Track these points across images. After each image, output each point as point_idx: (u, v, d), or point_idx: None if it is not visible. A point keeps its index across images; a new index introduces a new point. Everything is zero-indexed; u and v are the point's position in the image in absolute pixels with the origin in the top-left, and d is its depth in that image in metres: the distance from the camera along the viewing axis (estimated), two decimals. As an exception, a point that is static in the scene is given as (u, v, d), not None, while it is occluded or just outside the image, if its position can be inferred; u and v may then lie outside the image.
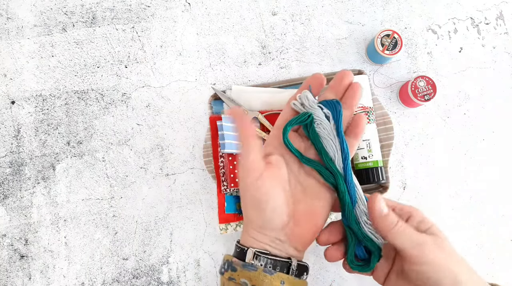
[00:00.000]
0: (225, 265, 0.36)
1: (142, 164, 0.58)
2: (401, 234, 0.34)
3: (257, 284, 0.34)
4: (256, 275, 0.34)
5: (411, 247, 0.33)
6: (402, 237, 0.34)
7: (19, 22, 0.61)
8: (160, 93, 0.59)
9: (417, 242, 0.33)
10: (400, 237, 0.34)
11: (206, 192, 0.57)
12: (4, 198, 0.57)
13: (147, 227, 0.57)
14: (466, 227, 0.57)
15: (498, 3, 0.62)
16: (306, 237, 0.36)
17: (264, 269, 0.34)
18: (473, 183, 0.58)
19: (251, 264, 0.34)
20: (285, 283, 0.34)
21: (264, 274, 0.34)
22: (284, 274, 0.35)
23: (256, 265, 0.34)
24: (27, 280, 0.56)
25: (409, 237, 0.34)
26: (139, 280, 0.56)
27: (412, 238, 0.34)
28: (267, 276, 0.34)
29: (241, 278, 0.34)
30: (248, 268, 0.34)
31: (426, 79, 0.55)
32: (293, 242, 0.36)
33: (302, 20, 0.61)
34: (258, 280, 0.34)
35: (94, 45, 0.60)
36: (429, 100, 0.55)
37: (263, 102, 0.55)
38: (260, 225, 0.36)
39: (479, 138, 0.59)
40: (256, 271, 0.34)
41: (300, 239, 0.36)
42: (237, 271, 0.35)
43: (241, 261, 0.35)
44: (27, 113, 0.59)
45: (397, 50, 0.56)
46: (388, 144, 0.55)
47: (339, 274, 0.56)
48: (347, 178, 0.36)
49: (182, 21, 0.61)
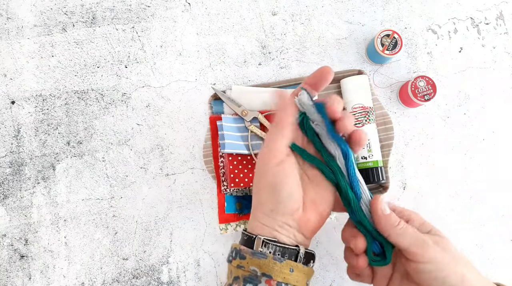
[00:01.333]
0: (232, 253, 0.37)
1: (142, 164, 0.58)
2: (404, 232, 0.34)
3: (267, 271, 0.34)
4: (266, 263, 0.34)
5: (415, 244, 0.34)
6: (405, 235, 0.34)
7: (19, 22, 0.61)
8: (160, 93, 0.59)
9: (421, 240, 0.34)
10: (404, 235, 0.34)
11: (206, 192, 0.57)
12: (4, 198, 0.57)
13: (147, 227, 0.57)
14: (466, 227, 0.57)
15: (498, 3, 0.62)
16: (312, 224, 0.37)
17: (274, 257, 0.34)
18: (473, 183, 0.58)
19: (260, 252, 0.35)
20: (294, 270, 0.35)
21: (274, 261, 0.34)
22: (293, 262, 0.35)
23: (266, 253, 0.35)
24: (27, 280, 0.56)
25: (412, 235, 0.34)
26: (139, 280, 0.56)
27: (416, 236, 0.34)
28: (276, 264, 0.34)
29: (250, 266, 0.34)
30: (258, 256, 0.34)
31: (426, 79, 0.55)
32: (301, 228, 0.36)
33: (302, 20, 0.61)
34: (268, 268, 0.34)
35: (94, 45, 0.60)
36: (429, 100, 0.55)
37: (263, 102, 0.55)
38: (272, 208, 0.36)
39: (479, 138, 0.59)
40: (266, 258, 0.34)
41: (307, 226, 0.37)
42: (246, 258, 0.35)
43: (250, 248, 0.35)
44: (27, 113, 0.59)
45: (397, 50, 0.56)
46: (388, 144, 0.55)
47: (339, 274, 0.56)
48: (349, 174, 0.36)
49: (182, 21, 0.61)
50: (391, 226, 0.34)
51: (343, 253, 0.40)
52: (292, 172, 0.36)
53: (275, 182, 0.35)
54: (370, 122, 0.54)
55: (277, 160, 0.36)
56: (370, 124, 0.54)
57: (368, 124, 0.54)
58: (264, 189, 0.36)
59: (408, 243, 0.34)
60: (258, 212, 0.37)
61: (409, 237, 0.34)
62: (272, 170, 0.35)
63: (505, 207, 0.58)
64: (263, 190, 0.36)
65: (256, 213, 0.37)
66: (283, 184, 0.35)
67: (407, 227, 0.35)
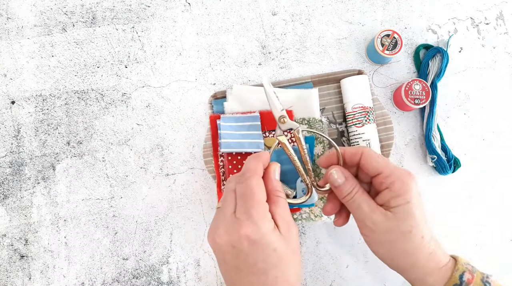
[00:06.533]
0: None
1: (142, 164, 0.58)
2: (353, 205, 0.39)
3: None
4: None
5: (364, 220, 0.39)
6: (356, 210, 0.39)
7: (19, 22, 0.61)
8: (160, 93, 0.59)
9: (372, 219, 0.38)
10: (354, 209, 0.39)
11: (206, 192, 0.57)
12: (4, 198, 0.57)
13: (147, 227, 0.57)
14: (466, 227, 0.57)
15: (498, 3, 0.62)
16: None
17: None
18: (473, 183, 0.58)
19: None
20: None
21: None
22: None
23: None
24: (27, 280, 0.56)
25: (361, 209, 0.38)
26: (139, 280, 0.56)
27: (364, 211, 0.38)
28: None
29: None
30: None
31: (422, 84, 0.55)
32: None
33: (302, 20, 0.61)
34: None
35: (94, 45, 0.60)
36: (418, 105, 0.55)
37: (263, 102, 0.55)
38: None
39: (479, 138, 0.59)
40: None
41: None
42: None
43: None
44: (27, 113, 0.59)
45: (397, 50, 0.56)
46: (388, 144, 0.55)
47: (339, 274, 0.56)
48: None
49: (182, 21, 0.61)
50: (342, 197, 0.40)
51: (343, 253, 0.41)
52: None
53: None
54: (370, 122, 0.54)
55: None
56: (370, 124, 0.54)
57: (368, 124, 0.54)
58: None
59: (356, 216, 0.39)
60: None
61: (358, 212, 0.39)
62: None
63: (505, 207, 0.58)
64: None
65: None
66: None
67: (358, 197, 0.39)
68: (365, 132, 0.54)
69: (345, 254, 0.56)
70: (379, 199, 0.39)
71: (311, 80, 0.57)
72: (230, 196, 0.37)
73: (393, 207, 0.37)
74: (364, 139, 0.54)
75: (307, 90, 0.55)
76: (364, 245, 0.56)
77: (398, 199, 0.37)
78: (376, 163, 0.38)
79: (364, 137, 0.54)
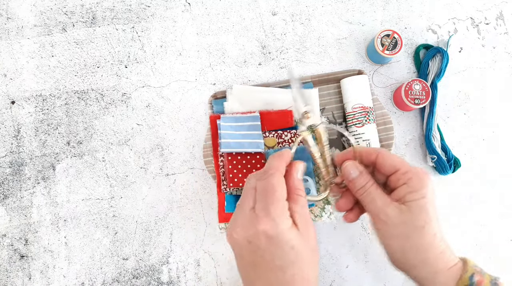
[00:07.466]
0: None
1: (142, 164, 0.58)
2: (365, 198, 0.39)
3: None
4: None
5: (378, 213, 0.38)
6: (370, 204, 0.38)
7: (19, 22, 0.61)
8: (160, 93, 0.59)
9: (385, 212, 0.37)
10: (368, 202, 0.38)
11: (206, 192, 0.57)
12: (4, 198, 0.57)
13: (147, 227, 0.57)
14: (466, 227, 0.57)
15: (498, 3, 0.62)
16: None
17: None
18: (473, 183, 0.58)
19: None
20: None
21: None
22: None
23: None
24: (27, 280, 0.56)
25: (375, 202, 0.38)
26: (139, 280, 0.56)
27: (378, 204, 0.38)
28: None
29: None
30: None
31: (423, 84, 0.55)
32: None
33: (302, 20, 0.61)
34: None
35: (94, 45, 0.60)
36: (418, 105, 0.55)
37: (263, 102, 0.55)
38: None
39: (479, 138, 0.59)
40: None
41: None
42: None
43: None
44: (27, 113, 0.59)
45: (397, 50, 0.56)
46: (388, 144, 0.55)
47: (339, 274, 0.56)
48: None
49: (182, 21, 0.61)
50: (355, 191, 0.40)
51: (343, 253, 0.41)
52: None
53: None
54: (370, 122, 0.54)
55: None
56: (370, 124, 0.54)
57: (368, 124, 0.54)
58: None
59: (369, 210, 0.39)
60: None
61: (372, 206, 0.38)
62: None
63: (505, 207, 0.58)
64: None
65: None
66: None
67: (370, 192, 0.38)
68: (365, 132, 0.54)
69: (345, 254, 0.56)
70: (394, 195, 0.38)
71: (311, 80, 0.57)
72: (250, 193, 0.37)
73: (408, 201, 0.37)
74: (364, 139, 0.54)
75: (307, 90, 0.55)
76: (364, 245, 0.56)
77: (414, 194, 0.36)
78: (392, 161, 0.39)
79: (364, 137, 0.54)
